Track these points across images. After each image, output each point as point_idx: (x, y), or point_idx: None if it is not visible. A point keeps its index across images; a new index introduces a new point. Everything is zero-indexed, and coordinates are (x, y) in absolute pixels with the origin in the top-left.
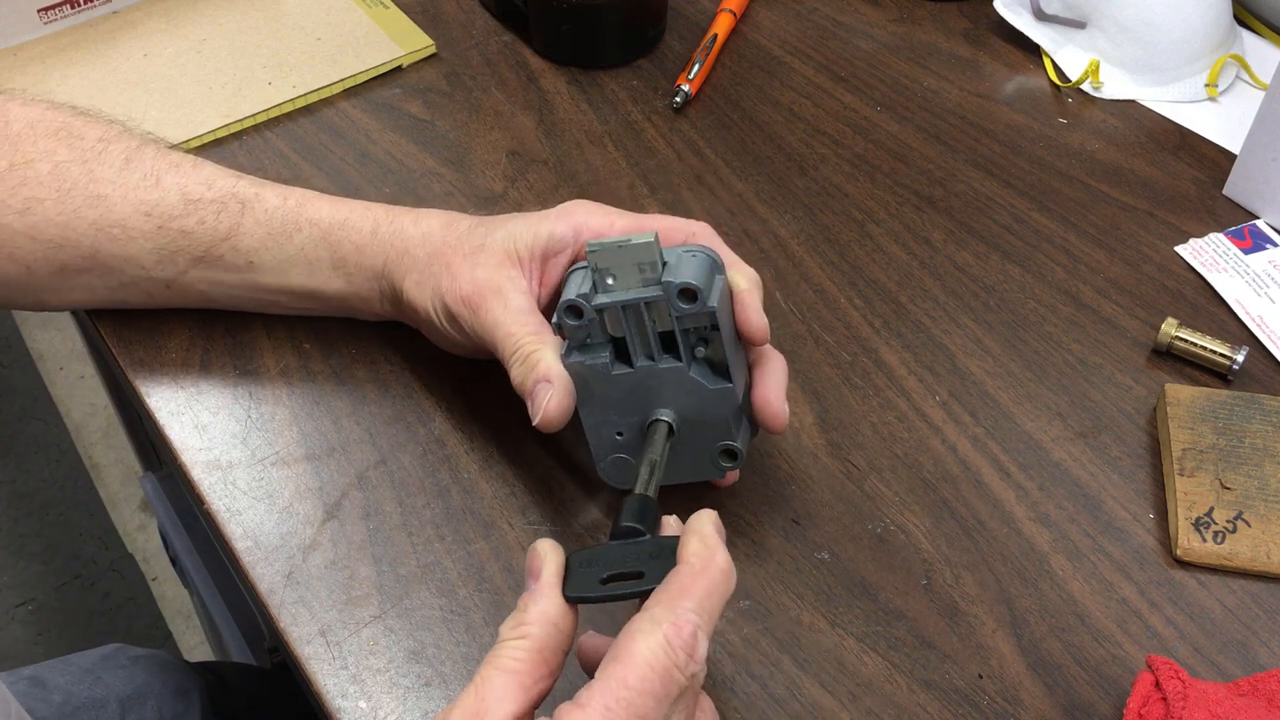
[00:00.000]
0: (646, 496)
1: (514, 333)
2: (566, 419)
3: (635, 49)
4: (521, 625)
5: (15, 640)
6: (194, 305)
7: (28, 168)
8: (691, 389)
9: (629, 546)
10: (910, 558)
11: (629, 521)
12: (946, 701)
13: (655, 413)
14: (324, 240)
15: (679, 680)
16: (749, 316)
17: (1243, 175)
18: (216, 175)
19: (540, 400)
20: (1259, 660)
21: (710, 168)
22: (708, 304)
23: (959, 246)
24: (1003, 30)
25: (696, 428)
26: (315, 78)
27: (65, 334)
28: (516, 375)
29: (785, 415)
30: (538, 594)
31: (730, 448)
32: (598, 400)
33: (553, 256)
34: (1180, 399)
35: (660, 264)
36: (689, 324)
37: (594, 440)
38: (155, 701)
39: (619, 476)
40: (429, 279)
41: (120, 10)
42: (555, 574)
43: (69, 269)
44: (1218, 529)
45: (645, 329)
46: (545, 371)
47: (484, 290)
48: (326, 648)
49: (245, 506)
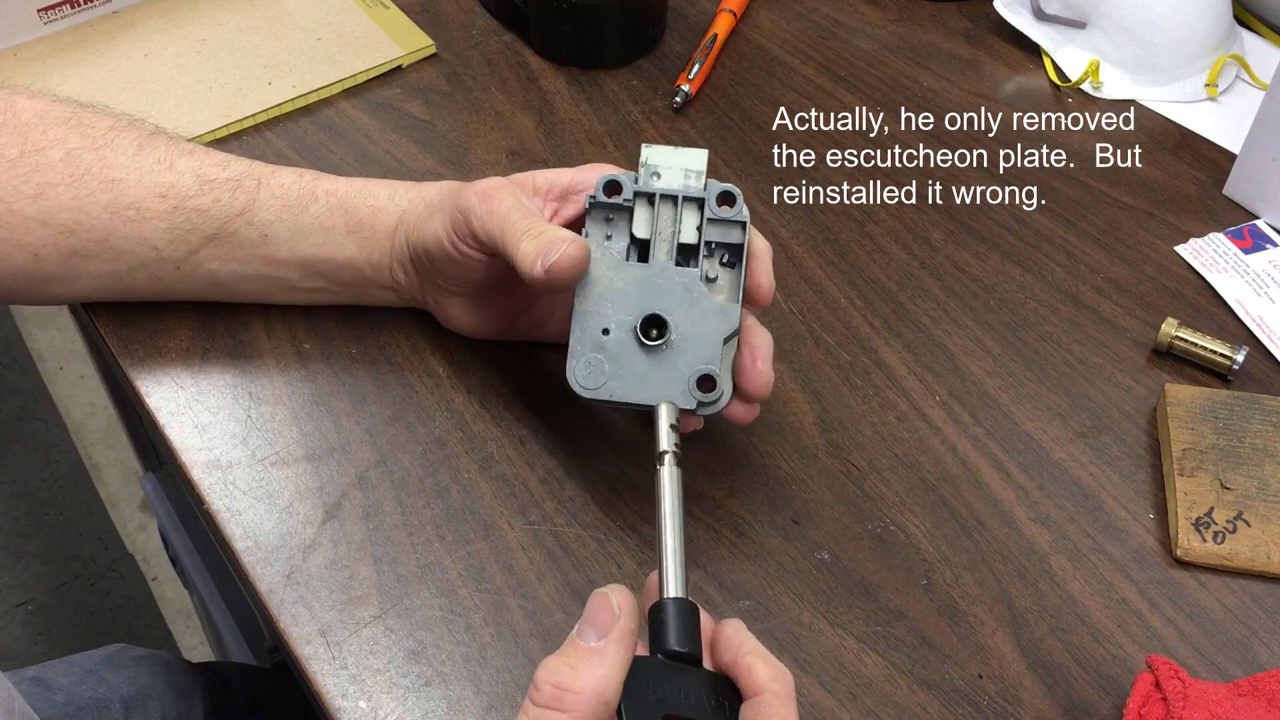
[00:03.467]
0: (687, 604)
1: (528, 215)
2: (577, 275)
3: (635, 49)
4: (567, 692)
5: (15, 640)
6: (198, 291)
7: (39, 155)
8: (697, 298)
9: (685, 677)
10: (910, 558)
11: (679, 646)
12: (946, 701)
13: (651, 309)
14: (340, 207)
15: None
16: (759, 273)
17: (1243, 175)
18: (230, 158)
19: (556, 249)
20: (1259, 660)
21: (710, 168)
22: (742, 214)
23: (959, 246)
24: (1003, 30)
25: (683, 344)
26: (315, 78)
27: (65, 334)
28: (528, 247)
29: (769, 381)
30: (599, 655)
31: (709, 373)
32: (599, 287)
33: (571, 195)
34: (1180, 399)
35: (705, 176)
36: (717, 236)
37: (578, 331)
38: (158, 702)
39: (590, 381)
40: (442, 203)
41: (120, 10)
42: (625, 638)
43: (79, 254)
44: (1218, 529)
45: (674, 229)
46: (563, 234)
47: (499, 185)
48: (326, 648)
49: (245, 506)
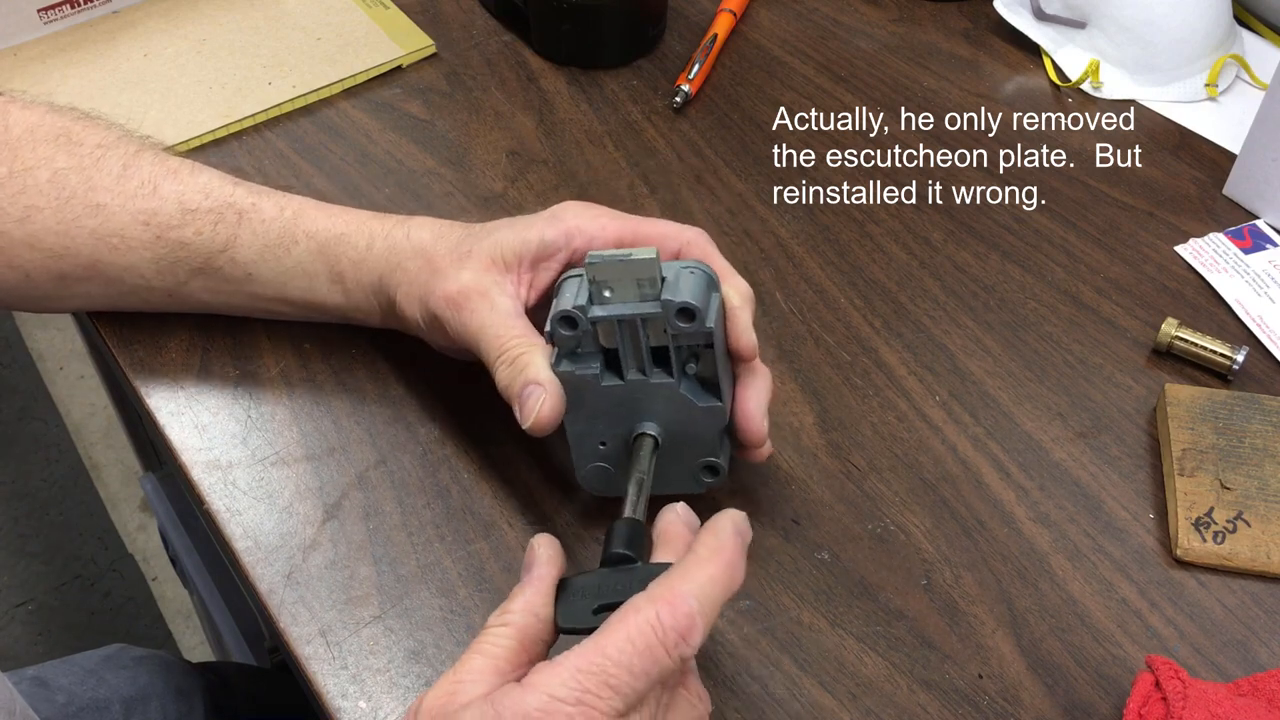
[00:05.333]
0: (636, 520)
1: (501, 335)
2: (557, 424)
3: (635, 49)
4: (505, 614)
5: (15, 640)
6: (197, 312)
7: (27, 175)
8: (680, 405)
9: (621, 574)
10: (910, 558)
11: (619, 548)
12: (946, 701)
13: (641, 426)
14: (320, 254)
15: (662, 660)
16: (739, 334)
17: (1243, 175)
18: (214, 183)
19: (532, 404)
20: (1259, 660)
21: (710, 168)
22: (706, 324)
23: (959, 246)
24: (1003, 30)
25: (680, 441)
26: (315, 78)
27: (65, 334)
28: (503, 377)
29: (764, 431)
30: (524, 585)
31: (713, 464)
32: (584, 410)
33: (543, 261)
34: (1180, 399)
35: (659, 280)
36: (684, 342)
37: (576, 449)
38: (158, 703)
39: (599, 485)
40: (416, 288)
41: (120, 10)
42: (545, 569)
43: (69, 277)
44: (1218, 529)
45: (639, 343)
46: (535, 374)
47: (469, 292)
48: (326, 648)
49: (245, 506)
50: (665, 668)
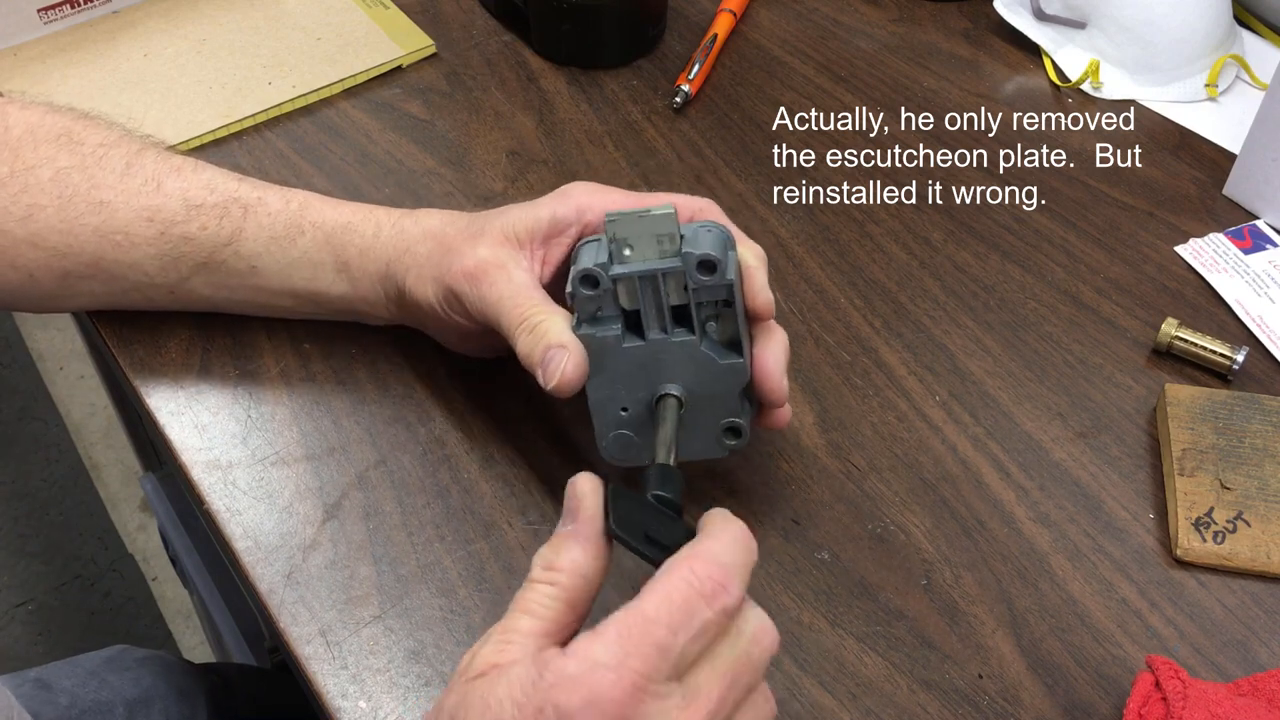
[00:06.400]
0: (669, 466)
1: (520, 304)
2: (580, 384)
3: (635, 49)
4: (552, 570)
5: (15, 640)
6: (197, 310)
7: (29, 174)
8: (702, 363)
9: (667, 518)
10: (910, 558)
11: (659, 490)
12: (946, 701)
13: (663, 387)
14: (327, 243)
15: (702, 612)
16: (756, 291)
17: (1243, 175)
18: (218, 179)
19: (555, 365)
20: (1259, 660)
21: (710, 168)
22: (727, 276)
23: (959, 246)
24: (1003, 30)
25: (702, 403)
26: (315, 78)
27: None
28: (524, 344)
29: (785, 389)
30: (573, 538)
31: (735, 424)
32: (606, 374)
33: (555, 237)
34: (1180, 399)
35: (678, 236)
36: (704, 297)
37: (598, 416)
38: (161, 704)
39: (622, 454)
40: (430, 268)
41: (120, 10)
42: (594, 518)
43: (72, 275)
44: (1218, 529)
45: (660, 301)
46: (557, 338)
47: (487, 265)
48: (326, 648)
49: (245, 506)
50: (706, 620)
